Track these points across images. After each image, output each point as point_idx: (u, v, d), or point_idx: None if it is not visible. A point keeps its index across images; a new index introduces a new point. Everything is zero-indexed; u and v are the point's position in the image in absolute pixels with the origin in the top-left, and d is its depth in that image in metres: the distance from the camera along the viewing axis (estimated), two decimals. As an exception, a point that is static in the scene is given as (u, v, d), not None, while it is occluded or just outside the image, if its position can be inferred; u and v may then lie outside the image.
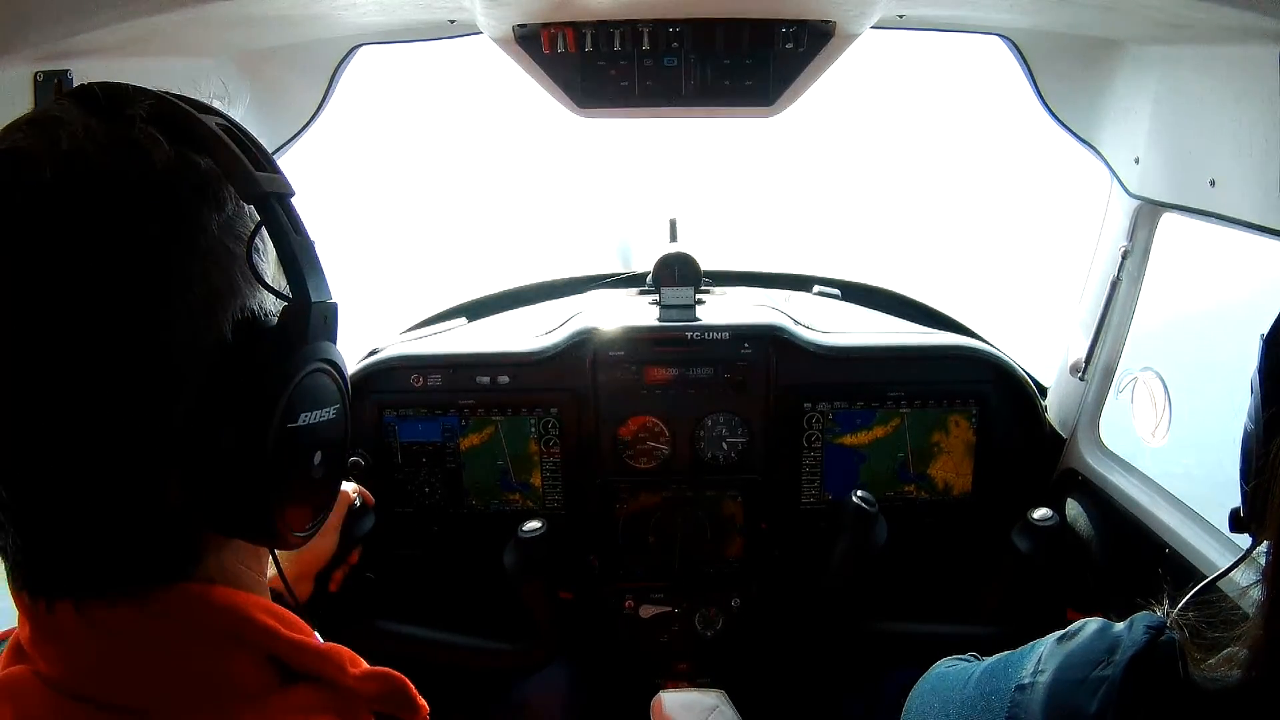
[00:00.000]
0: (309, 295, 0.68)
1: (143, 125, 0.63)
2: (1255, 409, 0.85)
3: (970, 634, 1.84)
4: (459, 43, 1.76)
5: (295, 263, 0.67)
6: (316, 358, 0.69)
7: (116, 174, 0.61)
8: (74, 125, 0.61)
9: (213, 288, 0.63)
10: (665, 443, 1.98)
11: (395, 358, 1.98)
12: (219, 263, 0.64)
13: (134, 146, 0.62)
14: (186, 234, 0.63)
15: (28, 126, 0.62)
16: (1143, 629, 0.78)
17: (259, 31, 1.55)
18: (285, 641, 0.68)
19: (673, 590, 2.00)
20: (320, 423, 0.70)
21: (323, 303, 0.69)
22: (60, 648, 0.65)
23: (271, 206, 0.66)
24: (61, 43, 1.16)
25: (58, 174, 0.59)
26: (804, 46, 1.55)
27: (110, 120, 0.63)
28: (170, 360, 0.61)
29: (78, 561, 0.63)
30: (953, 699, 0.93)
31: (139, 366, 0.60)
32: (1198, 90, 1.46)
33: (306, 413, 0.68)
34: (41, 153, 0.60)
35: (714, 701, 1.67)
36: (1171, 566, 1.58)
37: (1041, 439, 2.05)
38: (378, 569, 1.75)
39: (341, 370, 0.73)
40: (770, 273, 2.50)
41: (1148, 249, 1.82)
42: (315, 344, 0.69)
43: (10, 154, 0.61)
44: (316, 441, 0.70)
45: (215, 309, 0.64)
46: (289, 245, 0.67)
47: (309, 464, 0.70)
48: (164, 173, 0.62)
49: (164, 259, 0.61)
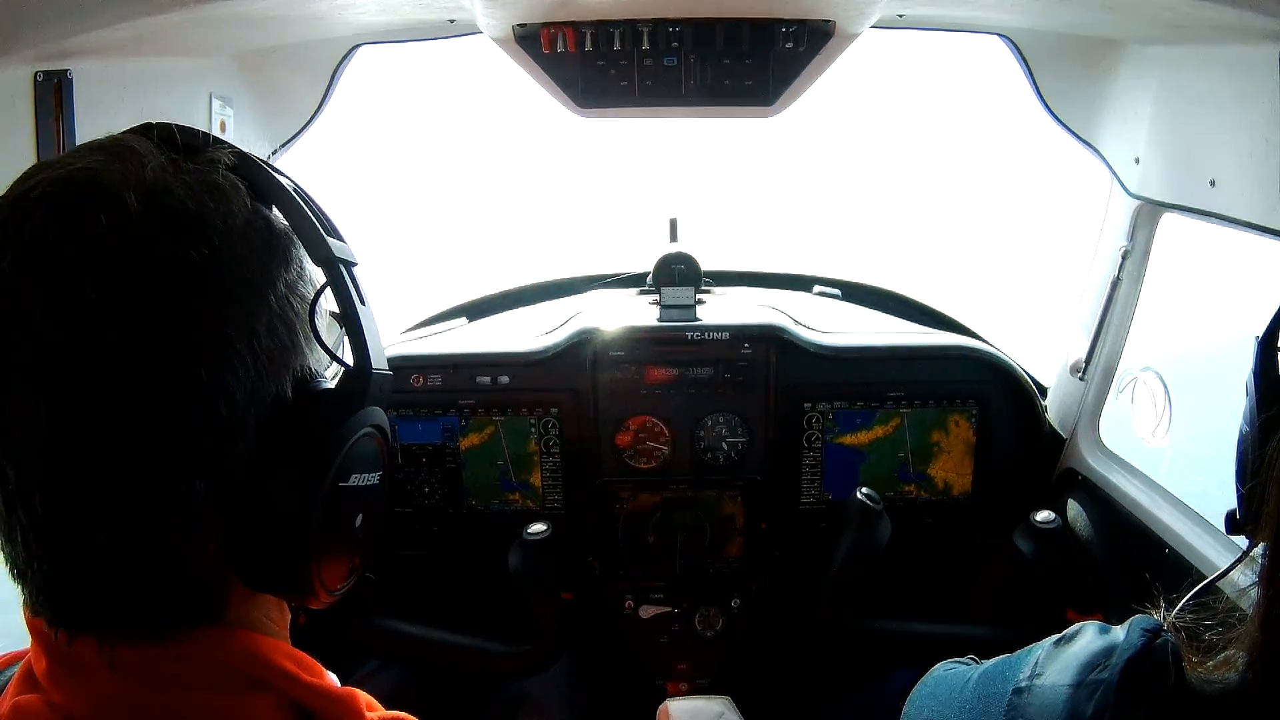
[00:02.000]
0: (370, 362, 0.69)
1: (226, 172, 0.63)
2: (1250, 411, 0.85)
3: (970, 634, 1.84)
4: (459, 43, 1.76)
5: (358, 329, 0.69)
6: (371, 422, 0.70)
7: (200, 216, 0.61)
8: (155, 159, 0.61)
9: (279, 342, 0.64)
10: (665, 443, 1.98)
11: (395, 358, 1.97)
12: (285, 319, 0.65)
13: (218, 190, 0.62)
14: (259, 286, 0.63)
15: (104, 152, 0.61)
16: (1139, 632, 0.78)
17: (259, 31, 1.56)
18: (304, 686, 0.68)
19: (673, 590, 2.00)
20: (368, 486, 0.71)
21: (382, 372, 0.71)
22: (78, 681, 0.64)
23: (339, 271, 0.68)
24: (61, 43, 1.16)
25: (143, 205, 0.58)
26: (804, 46, 1.55)
27: (191, 157, 0.63)
28: (233, 407, 0.61)
29: (106, 598, 0.63)
30: (951, 702, 0.93)
31: (200, 410, 0.60)
32: (1198, 90, 1.46)
33: (358, 474, 0.69)
34: (124, 181, 0.59)
35: (720, 709, 1.67)
36: (1171, 567, 1.58)
37: (1041, 439, 2.05)
38: (378, 569, 1.75)
39: (388, 437, 0.74)
40: (770, 273, 2.51)
41: (1148, 249, 1.82)
42: (371, 409, 0.70)
43: (89, 175, 0.59)
44: (361, 504, 0.71)
45: (277, 364, 0.64)
46: (353, 312, 0.69)
47: (351, 524, 0.71)
48: (243, 223, 0.63)
49: (237, 308, 0.62)
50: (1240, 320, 1.19)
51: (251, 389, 0.62)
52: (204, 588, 0.66)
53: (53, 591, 0.63)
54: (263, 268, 0.64)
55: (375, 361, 0.70)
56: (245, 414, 0.62)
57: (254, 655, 0.67)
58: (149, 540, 0.61)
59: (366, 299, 0.71)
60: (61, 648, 0.64)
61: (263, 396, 0.63)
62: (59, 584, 0.62)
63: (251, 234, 0.64)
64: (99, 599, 0.63)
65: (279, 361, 0.64)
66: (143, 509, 0.60)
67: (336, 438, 0.67)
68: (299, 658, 0.70)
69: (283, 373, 0.65)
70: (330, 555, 0.69)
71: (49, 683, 0.65)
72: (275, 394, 0.64)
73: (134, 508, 0.60)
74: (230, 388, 0.61)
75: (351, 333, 0.69)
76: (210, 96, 1.61)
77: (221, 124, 1.64)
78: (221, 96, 1.63)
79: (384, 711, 0.72)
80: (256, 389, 0.62)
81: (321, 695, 0.68)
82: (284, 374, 0.65)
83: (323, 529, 0.67)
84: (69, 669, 0.64)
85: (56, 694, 0.64)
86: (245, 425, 0.62)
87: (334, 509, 0.67)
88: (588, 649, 2.02)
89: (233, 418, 0.61)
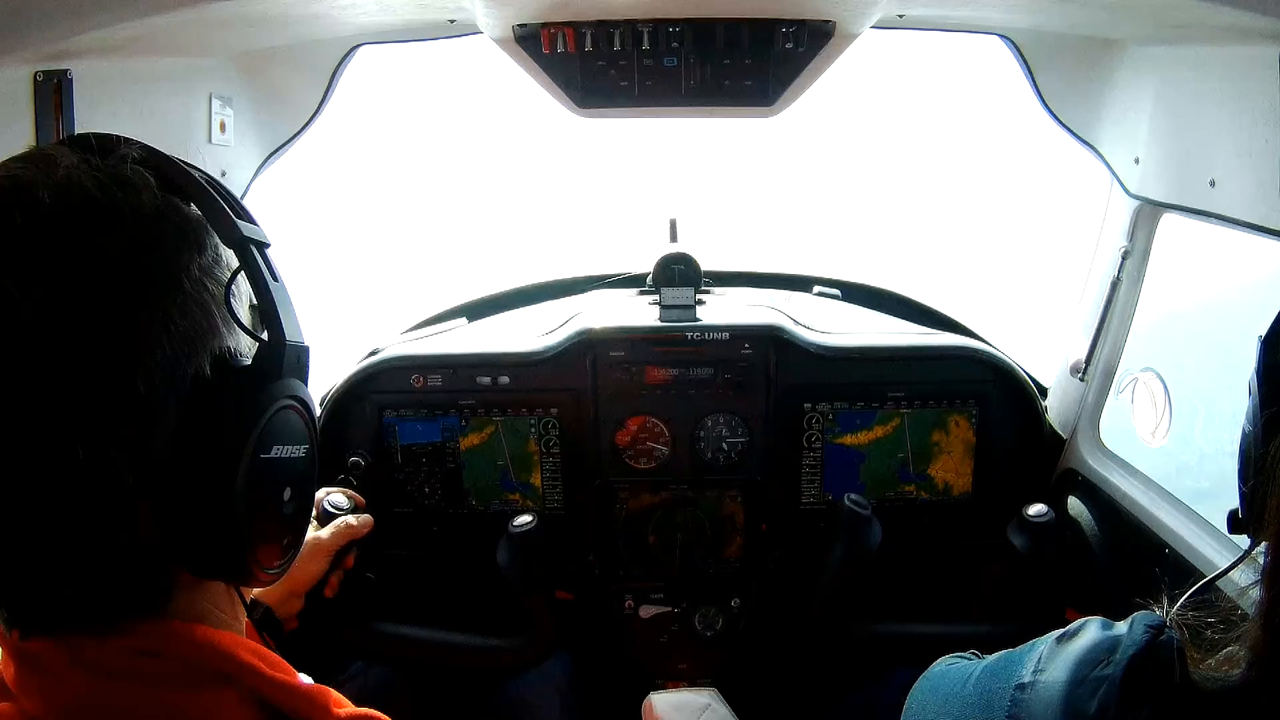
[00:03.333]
0: (284, 335, 0.72)
1: (135, 165, 0.66)
2: (1253, 410, 0.85)
3: (970, 634, 1.83)
4: (459, 43, 1.76)
5: (271, 305, 0.71)
6: (288, 394, 0.72)
7: (110, 206, 0.63)
8: (69, 160, 0.64)
9: (194, 324, 0.66)
10: (665, 443, 1.98)
11: (395, 358, 1.97)
12: (200, 302, 0.67)
13: (126, 184, 0.65)
14: (172, 271, 0.66)
15: (24, 160, 0.64)
16: (1142, 628, 0.78)
17: (259, 31, 1.56)
18: (270, 681, 0.69)
19: (672, 590, 2.00)
20: (291, 459, 0.73)
21: (296, 343, 0.73)
22: (45, 685, 0.65)
23: (250, 252, 0.71)
24: (61, 43, 1.16)
25: (55, 200, 0.61)
26: (804, 46, 1.55)
27: (103, 158, 0.66)
28: (152, 389, 0.63)
29: (48, 593, 0.64)
30: (953, 697, 0.93)
31: (120, 394, 0.62)
32: (1198, 90, 1.46)
33: (279, 446, 0.71)
34: (39, 181, 0.62)
35: (706, 700, 1.66)
36: (1171, 566, 1.58)
37: (1041, 439, 2.05)
38: (377, 569, 1.75)
39: (311, 410, 0.76)
40: (770, 273, 2.50)
41: (1148, 249, 1.82)
42: (287, 380, 0.72)
43: (9, 180, 0.62)
44: (286, 477, 0.73)
45: (195, 345, 0.66)
46: (265, 289, 0.71)
47: (279, 499, 0.72)
48: (153, 211, 0.66)
49: (150, 292, 0.64)
50: (1240, 320, 1.19)
51: (169, 370, 0.64)
52: (146, 574, 0.67)
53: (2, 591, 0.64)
54: (175, 253, 0.67)
55: (290, 335, 0.72)
56: (164, 394, 0.64)
57: (215, 648, 0.68)
58: (84, 529, 0.63)
59: (279, 276, 0.74)
60: (26, 653, 0.65)
61: (181, 376, 0.65)
62: (3, 582, 0.64)
63: (162, 222, 0.67)
64: (45, 595, 0.64)
65: (196, 342, 0.66)
66: (73, 496, 0.62)
67: (253, 408, 0.69)
68: (262, 653, 0.71)
69: (200, 353, 0.67)
70: (261, 531, 0.70)
71: (18, 689, 0.66)
72: (194, 374, 0.66)
73: (63, 495, 0.61)
74: (148, 368, 0.63)
75: (263, 307, 0.72)
76: (210, 96, 1.61)
77: (221, 124, 1.64)
78: (221, 96, 1.63)
79: (353, 709, 0.72)
80: (174, 369, 0.64)
81: (287, 690, 0.69)
82: (202, 354, 0.67)
83: (249, 503, 0.68)
84: (35, 674, 0.65)
85: (26, 700, 0.65)
86: (165, 406, 0.64)
87: (258, 482, 0.69)
88: (586, 649, 2.02)
89: (151, 398, 0.63)
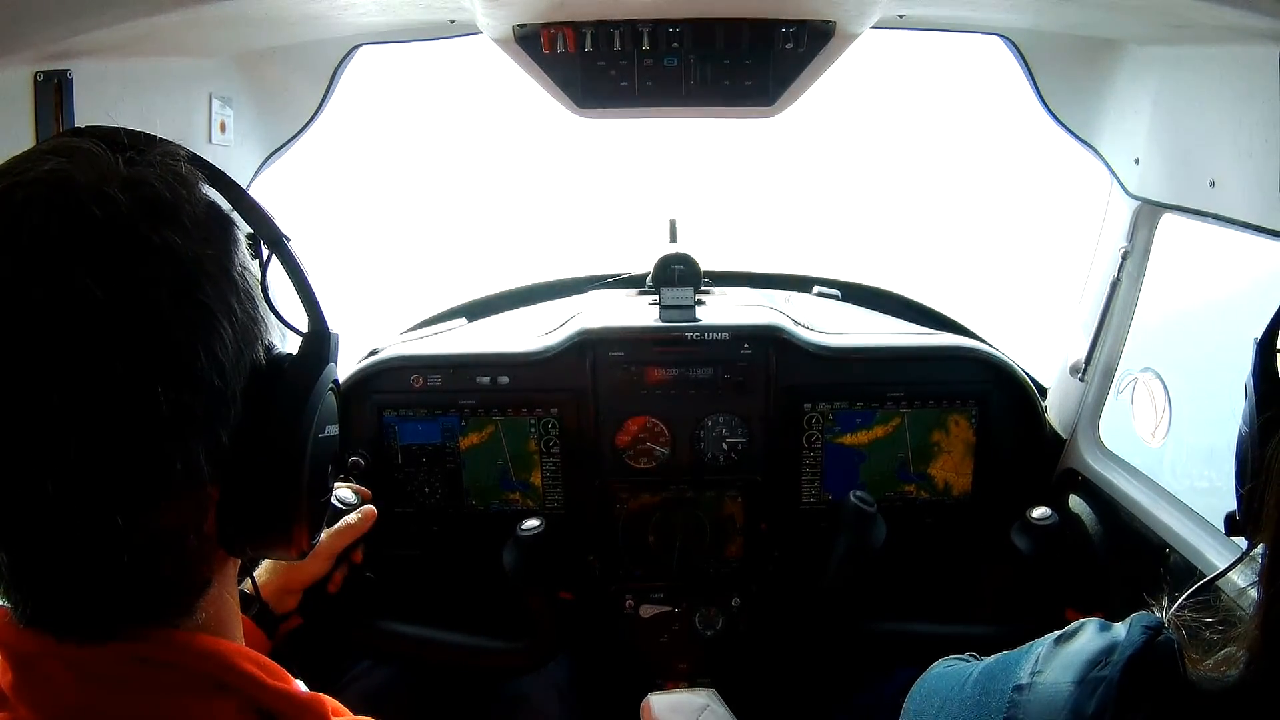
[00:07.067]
0: (326, 325, 0.75)
1: (186, 164, 0.68)
2: (1249, 413, 0.85)
3: (970, 634, 1.83)
4: (459, 43, 1.76)
5: (311, 296, 0.76)
6: (333, 378, 0.77)
7: (174, 203, 0.65)
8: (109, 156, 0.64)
9: (249, 316, 0.69)
10: (665, 443, 1.98)
11: (395, 358, 1.97)
12: (248, 294, 0.70)
13: (183, 180, 0.67)
14: (225, 265, 0.68)
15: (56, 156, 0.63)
16: (1140, 629, 0.78)
17: (259, 31, 1.56)
18: (269, 690, 0.69)
19: (673, 590, 2.00)
20: (333, 436, 0.77)
21: (335, 333, 0.77)
22: (44, 692, 0.65)
23: (285, 247, 0.74)
24: (61, 43, 1.16)
25: (127, 196, 0.62)
26: (804, 46, 1.55)
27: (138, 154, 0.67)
28: (224, 378, 0.65)
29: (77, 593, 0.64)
30: (951, 699, 0.93)
31: (198, 386, 0.64)
32: (1198, 90, 1.46)
33: (330, 426, 0.76)
34: (101, 177, 0.62)
35: (704, 700, 1.66)
36: (1171, 567, 1.58)
37: (1041, 439, 2.05)
38: (378, 569, 1.75)
39: (340, 391, 0.80)
40: (770, 273, 2.50)
41: (1148, 249, 1.82)
42: (331, 365, 0.76)
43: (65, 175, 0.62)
44: (331, 453, 0.77)
45: (250, 336, 0.69)
46: (304, 280, 0.75)
47: (326, 472, 0.76)
48: (206, 207, 0.68)
49: (216, 286, 0.66)
50: (1240, 321, 1.19)
51: (235, 359, 0.67)
52: (196, 564, 0.69)
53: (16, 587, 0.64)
54: (225, 248, 0.69)
55: (329, 324, 0.76)
56: (234, 384, 0.67)
57: (216, 657, 0.68)
58: (156, 519, 0.64)
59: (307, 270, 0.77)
60: (24, 659, 0.65)
61: (244, 366, 0.68)
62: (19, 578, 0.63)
63: (214, 218, 0.69)
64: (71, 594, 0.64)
65: (251, 333, 0.70)
66: (152, 485, 0.63)
67: (311, 393, 0.73)
68: (261, 661, 0.71)
69: (255, 343, 0.70)
70: (313, 503, 0.74)
71: (16, 697, 0.65)
72: (252, 363, 0.70)
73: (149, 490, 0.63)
74: (221, 359, 0.65)
75: (306, 300, 0.75)
76: (210, 96, 1.61)
77: (222, 124, 1.64)
78: (221, 96, 1.64)
79: (350, 716, 0.73)
80: (239, 359, 0.67)
81: (286, 699, 0.70)
82: (256, 344, 0.71)
83: (311, 478, 0.72)
84: (34, 681, 0.65)
85: (23, 708, 0.65)
86: (235, 396, 0.67)
87: (318, 459, 0.74)
88: (586, 649, 2.02)
89: (226, 388, 0.65)
